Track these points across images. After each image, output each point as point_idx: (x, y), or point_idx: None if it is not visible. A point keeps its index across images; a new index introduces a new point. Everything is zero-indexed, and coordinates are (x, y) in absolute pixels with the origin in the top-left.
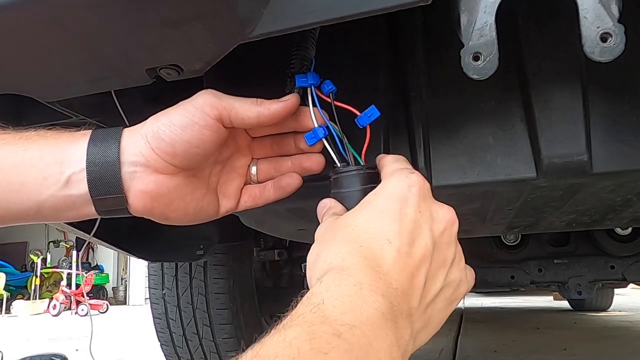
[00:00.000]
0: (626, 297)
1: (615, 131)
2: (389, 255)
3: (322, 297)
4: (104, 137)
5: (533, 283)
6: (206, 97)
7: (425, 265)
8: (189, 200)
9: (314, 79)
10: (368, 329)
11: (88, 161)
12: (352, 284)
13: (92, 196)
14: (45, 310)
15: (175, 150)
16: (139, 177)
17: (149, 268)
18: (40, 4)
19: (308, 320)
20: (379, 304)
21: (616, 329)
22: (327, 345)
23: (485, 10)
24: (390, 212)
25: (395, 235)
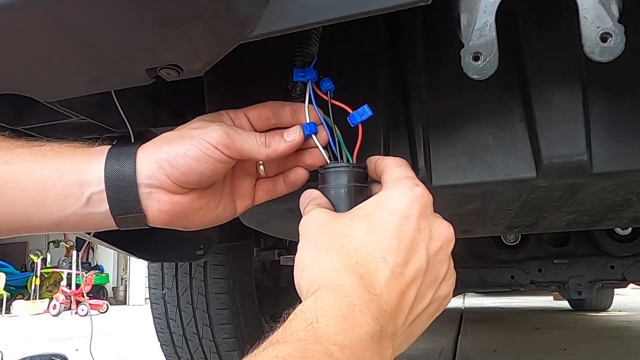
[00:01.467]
0: (626, 297)
1: (615, 131)
2: (383, 275)
3: (317, 315)
4: (120, 158)
5: (533, 283)
6: (219, 136)
7: (417, 284)
8: (204, 212)
9: (311, 75)
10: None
11: (107, 184)
12: (347, 304)
13: (114, 215)
14: (45, 310)
15: (189, 178)
16: (155, 198)
17: (149, 268)
18: (40, 4)
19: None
20: (369, 327)
21: (616, 329)
22: None
23: (485, 10)
24: (390, 228)
25: (391, 252)
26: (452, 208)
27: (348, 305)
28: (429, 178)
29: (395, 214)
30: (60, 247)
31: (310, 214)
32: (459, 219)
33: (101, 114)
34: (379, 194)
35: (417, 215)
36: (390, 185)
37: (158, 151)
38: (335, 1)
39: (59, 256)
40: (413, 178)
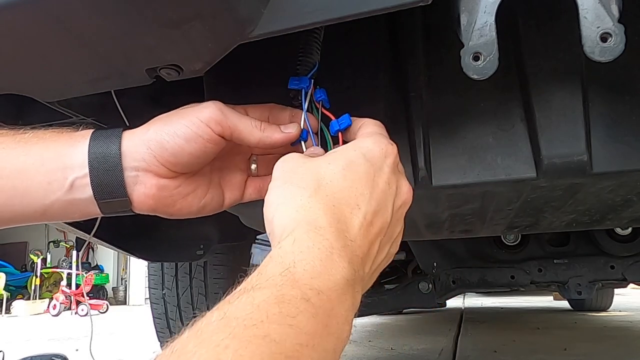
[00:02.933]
0: (626, 297)
1: (615, 131)
2: (357, 221)
3: (294, 258)
4: (104, 141)
5: (533, 283)
6: (212, 111)
7: (381, 236)
8: (191, 198)
9: (305, 84)
10: (333, 295)
11: (90, 167)
12: (325, 247)
13: (97, 200)
14: (45, 310)
15: (178, 159)
16: (142, 181)
17: (149, 268)
18: (41, 4)
19: (277, 283)
20: (345, 271)
21: (616, 329)
22: (295, 310)
23: (485, 10)
24: (365, 176)
25: (364, 200)
26: (452, 208)
27: (327, 248)
28: (429, 178)
29: (371, 164)
30: (60, 247)
31: (285, 156)
32: (459, 219)
33: (101, 114)
34: (354, 141)
35: (389, 170)
36: (366, 135)
37: (146, 132)
38: (335, 1)
39: (59, 256)
40: (386, 136)
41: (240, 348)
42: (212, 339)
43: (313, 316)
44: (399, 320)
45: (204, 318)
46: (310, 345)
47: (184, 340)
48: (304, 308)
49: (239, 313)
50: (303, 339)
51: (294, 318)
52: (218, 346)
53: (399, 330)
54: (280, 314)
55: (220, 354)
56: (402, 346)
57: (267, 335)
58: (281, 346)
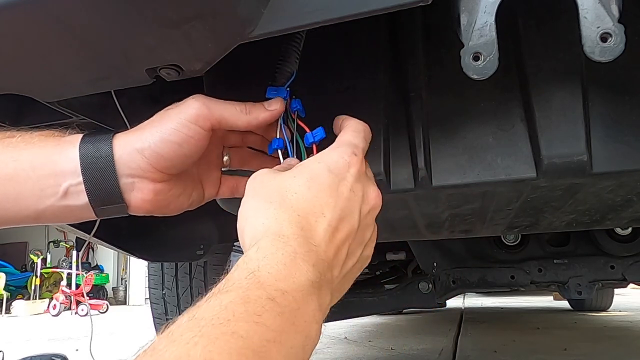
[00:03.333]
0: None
1: (615, 131)
2: (322, 228)
3: (259, 264)
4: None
5: (533, 283)
6: (197, 108)
7: (349, 241)
8: (182, 198)
9: (282, 94)
10: (299, 295)
11: (85, 175)
12: (289, 252)
13: (94, 206)
14: (45, 310)
15: (173, 163)
16: (139, 188)
17: (149, 268)
18: (40, 4)
19: (243, 285)
20: (310, 274)
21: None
22: (261, 308)
23: (485, 10)
24: (329, 186)
25: (329, 209)
26: (452, 208)
27: (290, 253)
28: (429, 178)
29: (334, 175)
30: (60, 247)
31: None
32: (459, 219)
33: (101, 114)
34: (322, 153)
35: (352, 179)
36: (334, 146)
37: (138, 140)
38: (335, 1)
39: (59, 256)
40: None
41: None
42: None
43: (279, 314)
44: (399, 320)
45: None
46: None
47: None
48: (269, 307)
49: (207, 314)
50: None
51: (260, 316)
52: (188, 344)
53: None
54: (247, 312)
55: (190, 350)
56: (402, 346)
57: (234, 332)
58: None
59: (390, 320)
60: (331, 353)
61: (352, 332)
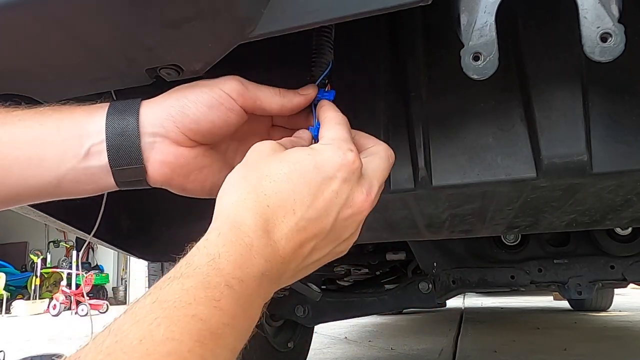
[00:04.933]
0: (626, 297)
1: (615, 131)
2: (287, 225)
3: (218, 250)
4: (123, 109)
5: (533, 283)
6: (233, 84)
7: (316, 240)
8: (206, 172)
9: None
10: (252, 284)
11: (107, 133)
12: (246, 243)
13: (112, 167)
14: (45, 310)
15: (199, 127)
16: (158, 148)
17: (149, 268)
18: (41, 4)
19: (204, 272)
20: (262, 267)
21: (616, 329)
22: (219, 294)
23: (485, 10)
24: (310, 183)
25: (302, 207)
26: (452, 208)
27: (247, 244)
28: (429, 178)
29: (320, 172)
30: (60, 247)
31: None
32: (459, 219)
33: None
34: (313, 146)
35: (341, 180)
36: (327, 141)
37: (167, 99)
38: (335, 1)
39: (59, 256)
40: (349, 142)
41: (171, 325)
42: (146, 318)
43: (235, 300)
44: (399, 320)
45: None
46: (231, 325)
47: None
48: (227, 293)
49: (170, 297)
50: (226, 319)
51: (219, 301)
52: (151, 324)
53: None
54: (207, 297)
55: (153, 331)
56: (402, 346)
57: (195, 315)
58: (207, 324)
59: (390, 320)
60: (331, 353)
61: (352, 332)
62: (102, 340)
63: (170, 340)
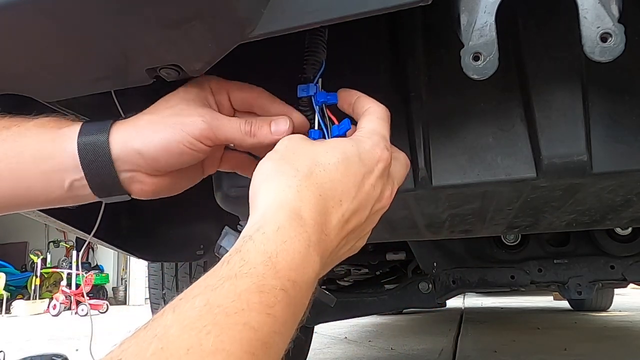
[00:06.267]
0: (626, 297)
1: (615, 131)
2: (336, 217)
3: (277, 248)
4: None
5: (533, 283)
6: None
7: (353, 234)
8: (184, 181)
9: (312, 91)
10: (305, 287)
11: (86, 173)
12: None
13: (99, 197)
14: (45, 310)
15: (171, 167)
16: (138, 180)
17: (149, 268)
18: (41, 4)
19: (260, 272)
20: (317, 265)
21: (616, 329)
22: (274, 299)
23: (485, 10)
24: (356, 175)
25: (348, 198)
26: (452, 208)
27: (306, 240)
28: (429, 178)
29: (364, 165)
30: (60, 247)
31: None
32: (459, 219)
33: (101, 114)
34: (355, 137)
35: (378, 174)
36: (366, 135)
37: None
38: (335, 1)
39: (59, 256)
40: (387, 140)
41: (222, 334)
42: (195, 325)
43: (288, 306)
44: (399, 320)
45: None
46: (281, 332)
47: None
48: (281, 298)
49: (222, 301)
50: (277, 327)
51: (272, 307)
52: (200, 332)
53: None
54: (260, 304)
55: (202, 339)
56: (402, 346)
57: (246, 323)
58: (259, 333)
59: (390, 320)
60: (331, 353)
61: (352, 332)
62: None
63: (220, 351)
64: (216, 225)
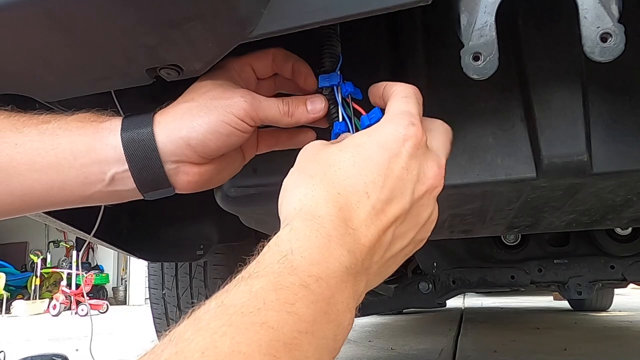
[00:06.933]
0: (626, 297)
1: (615, 131)
2: (364, 210)
3: (291, 246)
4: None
5: (533, 283)
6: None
7: (397, 224)
8: (226, 171)
9: (335, 80)
10: (332, 282)
11: (130, 164)
12: (323, 235)
13: (142, 191)
14: (45, 310)
15: (220, 151)
16: (184, 171)
17: (149, 268)
18: (40, 4)
19: (275, 270)
20: (344, 259)
21: (616, 329)
22: (293, 296)
23: (485, 10)
24: (378, 163)
25: (375, 188)
26: (452, 208)
27: (324, 236)
28: None
29: (385, 150)
30: (60, 247)
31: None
32: (459, 219)
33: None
34: (373, 126)
35: (407, 155)
36: (387, 118)
37: (184, 128)
38: (335, 1)
39: (59, 256)
40: (412, 115)
41: (238, 335)
42: (210, 326)
43: (312, 303)
44: (399, 320)
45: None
46: (309, 332)
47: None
48: (302, 295)
49: (236, 301)
50: (302, 326)
51: (293, 305)
52: (215, 333)
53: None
54: (278, 301)
55: (217, 341)
56: (402, 346)
57: (264, 323)
58: (279, 333)
59: (390, 320)
60: None
61: (352, 332)
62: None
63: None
64: (216, 225)
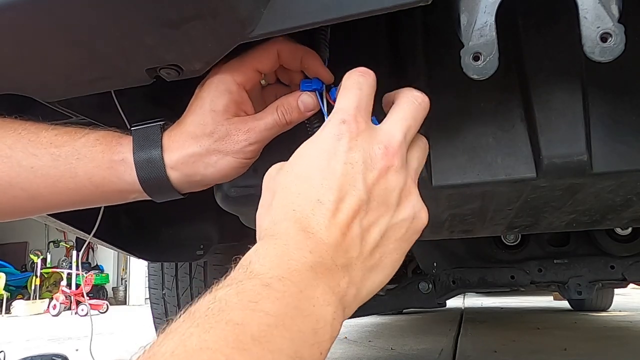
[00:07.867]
0: (626, 297)
1: (615, 131)
2: (320, 215)
3: (250, 259)
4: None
5: (533, 283)
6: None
7: (360, 216)
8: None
9: (317, 85)
10: (297, 279)
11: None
12: (280, 245)
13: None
14: (45, 310)
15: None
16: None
17: (149, 268)
18: (40, 4)
19: (236, 278)
20: (306, 259)
21: (616, 329)
22: (256, 296)
23: (485, 10)
24: (321, 169)
25: (325, 193)
26: (452, 208)
27: (281, 246)
28: (428, 178)
29: (323, 153)
30: (60, 247)
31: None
32: (459, 219)
33: (101, 114)
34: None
35: (344, 151)
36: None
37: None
38: (335, 1)
39: (59, 256)
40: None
41: (204, 333)
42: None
43: (277, 299)
44: (399, 320)
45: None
46: (279, 325)
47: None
48: (265, 293)
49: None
50: (270, 320)
51: (257, 303)
52: (183, 335)
53: (399, 330)
54: (241, 302)
55: (185, 341)
56: (402, 346)
57: (230, 320)
58: (245, 328)
59: (390, 320)
60: (331, 353)
61: (352, 332)
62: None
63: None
64: (216, 225)
